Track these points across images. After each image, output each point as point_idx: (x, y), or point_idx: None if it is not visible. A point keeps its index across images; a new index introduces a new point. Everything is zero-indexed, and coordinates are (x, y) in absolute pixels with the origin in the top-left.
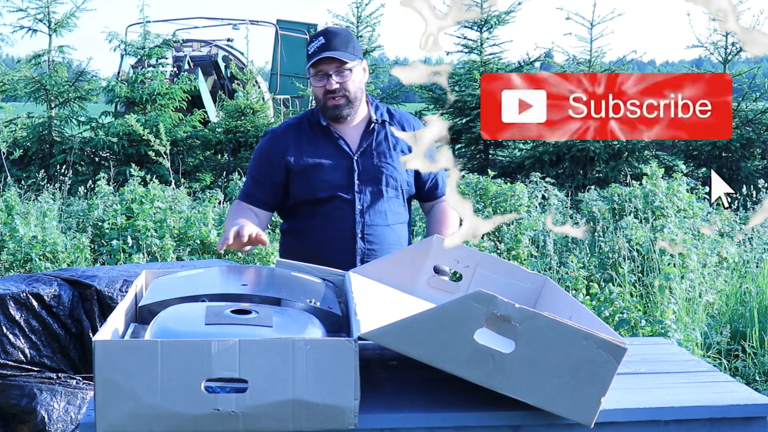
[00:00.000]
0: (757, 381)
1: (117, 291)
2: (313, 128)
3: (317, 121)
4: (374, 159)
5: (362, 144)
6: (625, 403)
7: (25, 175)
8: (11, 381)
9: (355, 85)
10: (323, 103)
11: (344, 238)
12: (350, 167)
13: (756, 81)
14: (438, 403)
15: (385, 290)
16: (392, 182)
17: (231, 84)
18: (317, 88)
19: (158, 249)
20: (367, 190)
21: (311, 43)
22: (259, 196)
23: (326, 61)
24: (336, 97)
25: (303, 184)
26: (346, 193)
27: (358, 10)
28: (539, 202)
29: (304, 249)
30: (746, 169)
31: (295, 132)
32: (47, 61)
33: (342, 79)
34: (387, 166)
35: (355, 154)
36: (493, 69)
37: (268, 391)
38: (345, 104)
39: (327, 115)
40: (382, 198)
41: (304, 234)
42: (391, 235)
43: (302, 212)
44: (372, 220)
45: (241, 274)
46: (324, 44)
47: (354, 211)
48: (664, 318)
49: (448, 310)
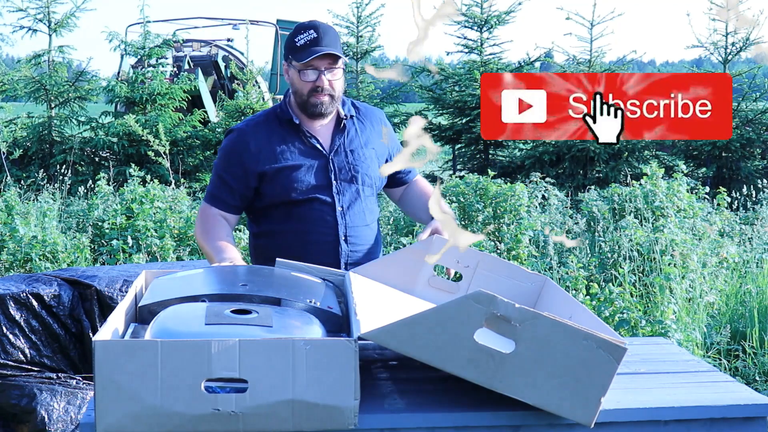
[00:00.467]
0: (757, 381)
1: (117, 291)
2: (284, 126)
3: (288, 119)
4: (348, 157)
5: (335, 142)
6: (625, 403)
7: (25, 175)
8: (11, 381)
9: (341, 85)
10: (306, 99)
11: (327, 241)
12: (326, 167)
13: (756, 81)
14: (438, 403)
15: (385, 290)
16: (368, 180)
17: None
18: (304, 83)
19: (158, 249)
20: (345, 190)
21: (298, 34)
22: (229, 200)
23: (320, 57)
24: (322, 95)
25: (278, 186)
26: (324, 194)
27: (358, 10)
28: (539, 202)
29: (281, 252)
30: (746, 169)
31: (266, 131)
32: (47, 61)
33: (333, 77)
34: (361, 164)
35: (329, 153)
36: (493, 69)
37: (268, 391)
38: (329, 102)
39: (308, 111)
40: (359, 197)
41: (280, 236)
42: (370, 234)
43: (277, 214)
44: (353, 221)
45: (241, 274)
46: (316, 39)
47: (335, 213)
48: (664, 318)
49: (448, 310)
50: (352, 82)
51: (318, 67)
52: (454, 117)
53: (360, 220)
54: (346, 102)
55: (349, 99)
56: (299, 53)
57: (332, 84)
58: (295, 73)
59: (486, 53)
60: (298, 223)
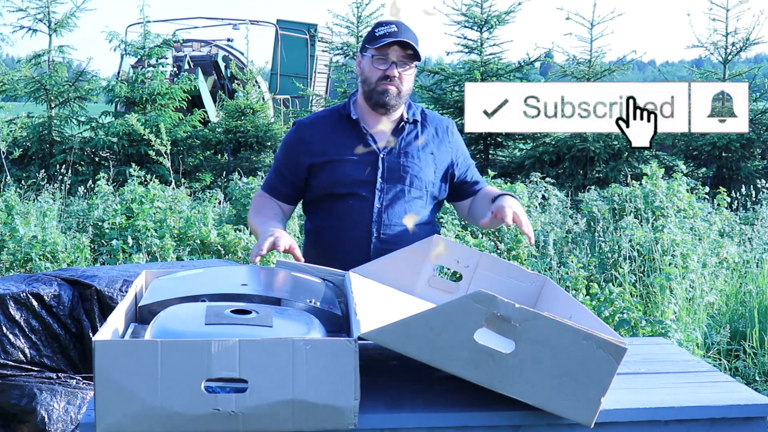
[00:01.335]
0: (757, 381)
1: (117, 291)
2: (342, 122)
3: (347, 114)
4: (401, 158)
5: (390, 142)
6: (625, 403)
7: (25, 175)
8: (11, 381)
9: (410, 83)
10: (374, 87)
11: (359, 237)
12: (374, 164)
13: (756, 81)
14: (438, 403)
15: (385, 290)
16: (417, 182)
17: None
18: (375, 69)
19: (158, 249)
20: (389, 189)
21: (380, 27)
22: (280, 188)
23: (397, 48)
24: (391, 84)
25: (323, 178)
26: (365, 190)
27: (358, 10)
28: (539, 202)
29: (319, 249)
30: (746, 169)
31: (323, 124)
32: (47, 61)
33: (404, 71)
34: (413, 165)
35: (381, 152)
36: (493, 69)
37: (268, 391)
38: (395, 94)
39: (373, 100)
40: (403, 198)
41: (320, 233)
42: (409, 237)
43: (322, 209)
44: (390, 220)
45: (241, 274)
46: (396, 32)
47: (372, 210)
48: (664, 318)
49: (448, 310)
50: (353, 82)
51: (392, 57)
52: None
53: (399, 219)
54: (413, 107)
55: (419, 106)
56: (376, 41)
57: (402, 77)
58: (368, 60)
59: (486, 53)
60: (335, 219)
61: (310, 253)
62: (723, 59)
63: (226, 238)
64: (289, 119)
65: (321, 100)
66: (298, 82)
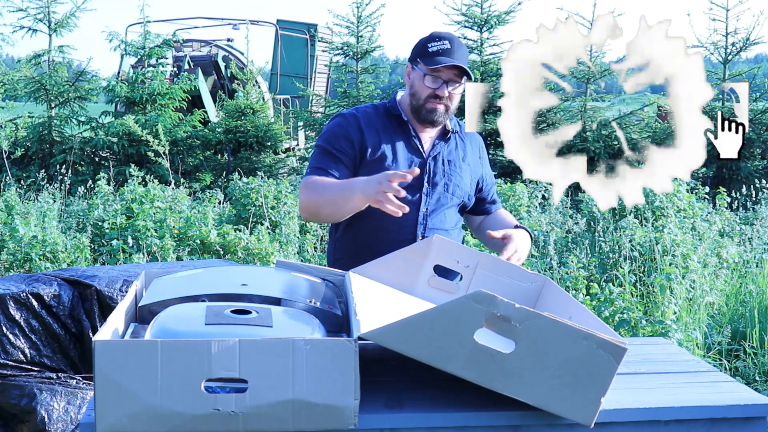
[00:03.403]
0: (757, 381)
1: (117, 291)
2: (391, 119)
3: (397, 115)
4: (445, 165)
5: (436, 148)
6: (625, 403)
7: (25, 175)
8: (11, 381)
9: (457, 101)
10: (422, 104)
11: (404, 240)
12: (422, 167)
13: (756, 81)
14: (438, 403)
15: (385, 290)
16: (458, 191)
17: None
18: (426, 87)
19: (158, 249)
20: (433, 194)
21: (432, 41)
22: (333, 170)
23: (448, 68)
24: (440, 103)
25: (374, 172)
26: (412, 193)
27: (358, 10)
28: (539, 202)
29: (358, 247)
30: (746, 169)
31: (375, 120)
32: (47, 61)
33: (454, 90)
34: (456, 175)
35: (429, 156)
36: (493, 69)
37: (268, 391)
38: (443, 112)
39: (420, 116)
40: (445, 204)
41: (361, 232)
42: None
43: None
44: (433, 224)
45: (241, 274)
46: (449, 50)
47: (418, 213)
48: (664, 318)
49: (448, 310)
50: (352, 82)
51: (444, 77)
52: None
53: (441, 224)
54: (453, 119)
55: (456, 118)
56: (429, 58)
57: (451, 96)
58: (419, 76)
59: (486, 53)
60: (379, 220)
61: (345, 249)
62: (723, 59)
63: (226, 238)
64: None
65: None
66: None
